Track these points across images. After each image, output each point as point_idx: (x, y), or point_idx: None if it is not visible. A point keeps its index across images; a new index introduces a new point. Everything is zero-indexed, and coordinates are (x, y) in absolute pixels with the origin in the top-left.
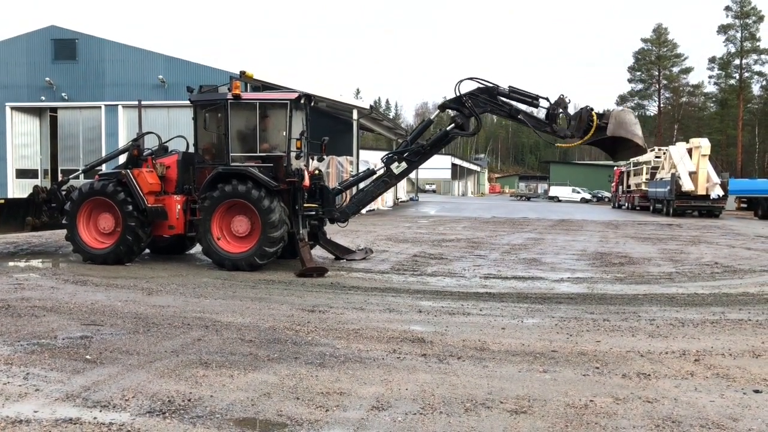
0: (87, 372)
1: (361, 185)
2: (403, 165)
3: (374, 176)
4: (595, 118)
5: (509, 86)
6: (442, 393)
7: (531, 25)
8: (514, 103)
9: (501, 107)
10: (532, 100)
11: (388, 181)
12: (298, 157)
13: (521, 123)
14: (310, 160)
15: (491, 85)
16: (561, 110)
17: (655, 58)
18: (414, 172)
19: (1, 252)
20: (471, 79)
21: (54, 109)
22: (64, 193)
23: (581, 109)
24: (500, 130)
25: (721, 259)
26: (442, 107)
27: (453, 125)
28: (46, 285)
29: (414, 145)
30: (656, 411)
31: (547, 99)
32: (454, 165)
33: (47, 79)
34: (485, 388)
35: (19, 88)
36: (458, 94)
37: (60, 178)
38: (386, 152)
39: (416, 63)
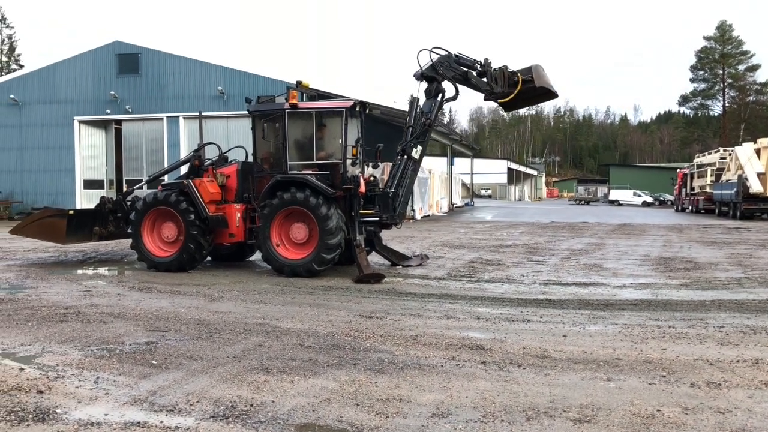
0: (153, 377)
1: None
2: (419, 147)
3: (401, 169)
4: (519, 75)
5: (456, 53)
6: (502, 401)
7: (593, 24)
8: (464, 68)
9: (457, 71)
10: (473, 63)
11: (415, 168)
12: (353, 164)
13: (471, 86)
14: (365, 167)
15: (446, 52)
16: (491, 70)
17: (719, 56)
18: (469, 177)
19: (71, 260)
20: (431, 50)
21: (118, 122)
22: (128, 203)
23: (496, 69)
24: (558, 134)
25: None
26: (420, 76)
27: (441, 95)
28: (113, 292)
29: (418, 127)
30: (729, 422)
31: (479, 63)
32: (510, 169)
33: (112, 92)
34: (547, 396)
35: (86, 102)
36: (431, 62)
37: (125, 189)
38: (404, 144)
39: None
